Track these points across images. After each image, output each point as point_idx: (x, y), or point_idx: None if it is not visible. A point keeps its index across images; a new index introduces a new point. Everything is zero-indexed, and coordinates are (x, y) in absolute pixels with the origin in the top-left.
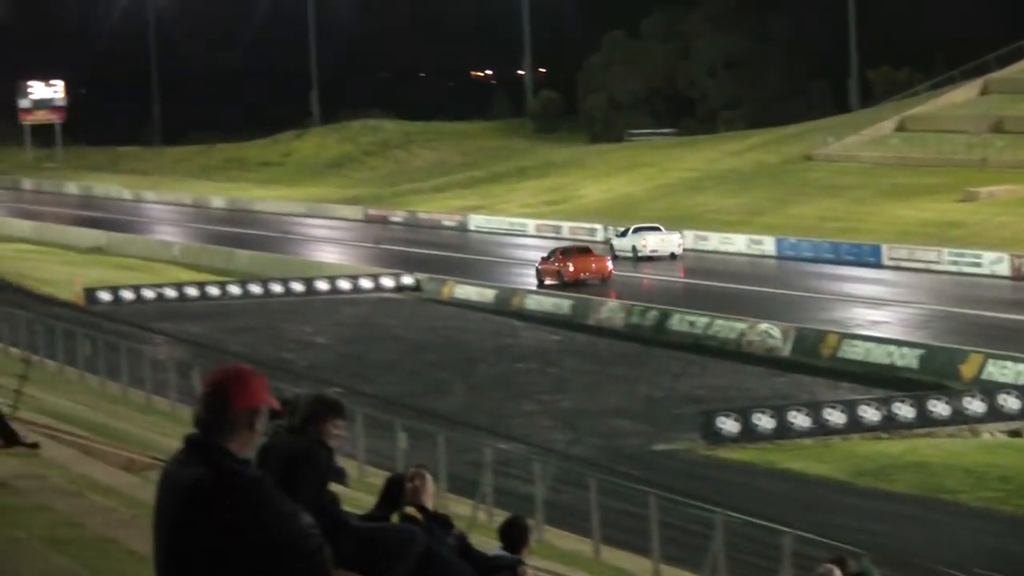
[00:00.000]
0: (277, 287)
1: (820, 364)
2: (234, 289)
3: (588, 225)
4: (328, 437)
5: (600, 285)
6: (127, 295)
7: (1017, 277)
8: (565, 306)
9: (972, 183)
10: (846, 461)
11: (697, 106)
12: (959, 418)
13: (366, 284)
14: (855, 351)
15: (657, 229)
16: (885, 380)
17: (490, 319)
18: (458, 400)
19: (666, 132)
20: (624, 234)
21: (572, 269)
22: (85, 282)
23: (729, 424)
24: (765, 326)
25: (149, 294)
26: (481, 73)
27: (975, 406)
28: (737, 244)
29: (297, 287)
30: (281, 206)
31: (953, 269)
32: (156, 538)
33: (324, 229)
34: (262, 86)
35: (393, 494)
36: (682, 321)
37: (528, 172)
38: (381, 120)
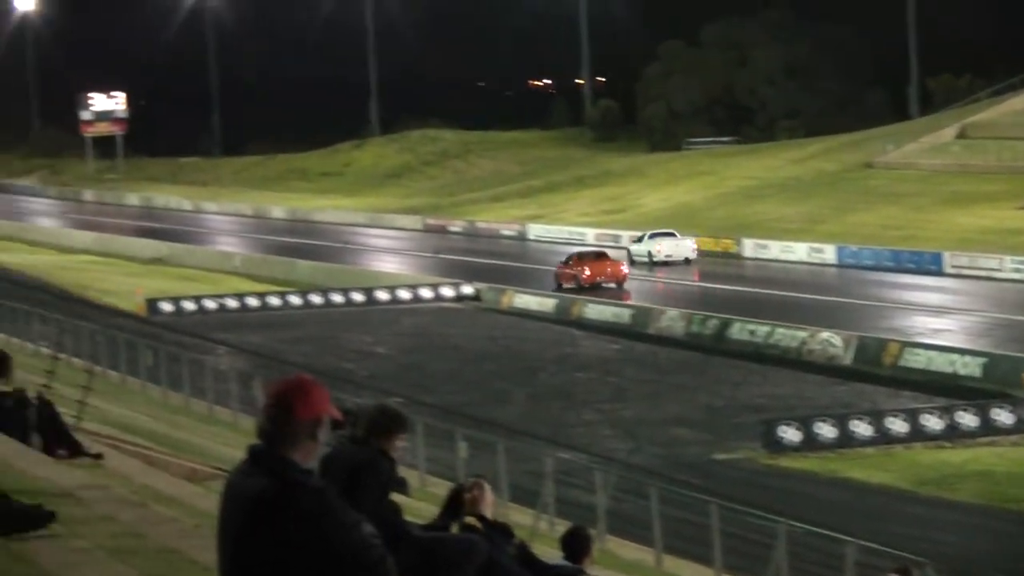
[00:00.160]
0: (337, 297)
1: (882, 373)
2: (295, 299)
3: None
4: (391, 448)
5: (616, 288)
6: (188, 306)
7: None
8: (625, 315)
9: None
10: (908, 470)
11: (756, 114)
12: (1023, 426)
13: (426, 294)
14: (917, 359)
15: (672, 235)
16: (947, 388)
17: (550, 328)
18: (518, 409)
19: (725, 140)
20: (640, 240)
21: (588, 273)
22: (147, 293)
23: (790, 433)
24: (826, 335)
25: (210, 305)
26: (540, 82)
27: None
28: (798, 252)
29: (357, 297)
30: (341, 216)
31: (1016, 276)
32: (220, 548)
33: (383, 239)
34: (322, 96)
35: (454, 504)
36: (743, 330)
37: (587, 181)
38: (440, 130)
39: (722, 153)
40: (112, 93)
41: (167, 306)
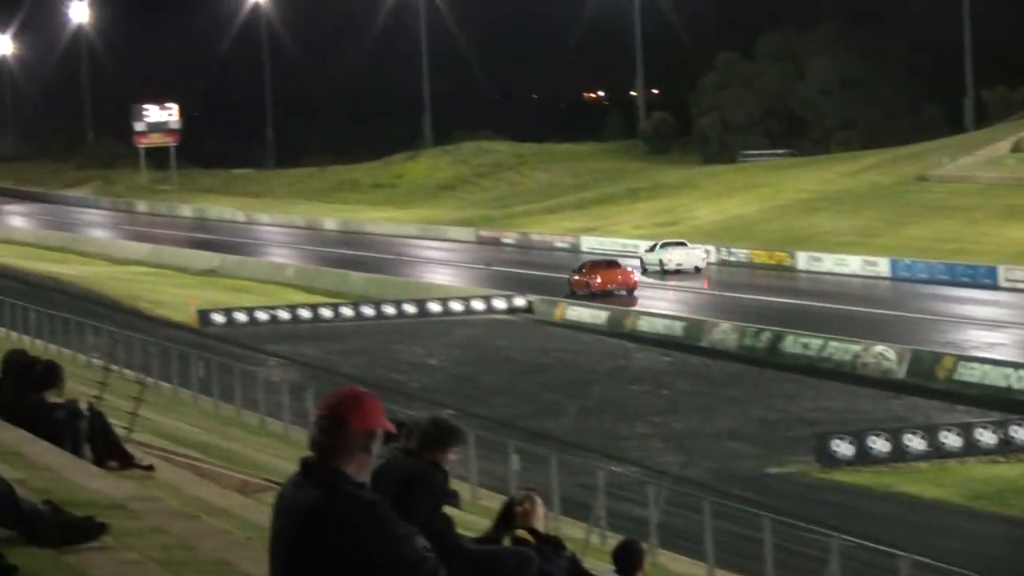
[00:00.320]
0: (390, 309)
1: (936, 386)
2: (347, 311)
3: (702, 246)
4: (444, 460)
5: (626, 296)
6: (240, 317)
7: None
8: (678, 327)
9: None
10: (962, 485)
11: (811, 126)
12: None
13: (478, 306)
14: (971, 373)
15: (683, 244)
16: (1002, 403)
17: (602, 341)
18: (571, 422)
19: (780, 153)
20: (653, 249)
21: (600, 281)
22: (199, 304)
23: (844, 447)
24: (880, 348)
25: (262, 316)
26: (594, 94)
27: None
28: (852, 265)
29: (410, 309)
30: (394, 228)
31: None
32: (272, 560)
33: (436, 251)
34: (375, 108)
35: (506, 517)
36: (796, 343)
37: (640, 193)
38: (493, 141)
39: (776, 165)
40: (166, 104)
41: (219, 317)
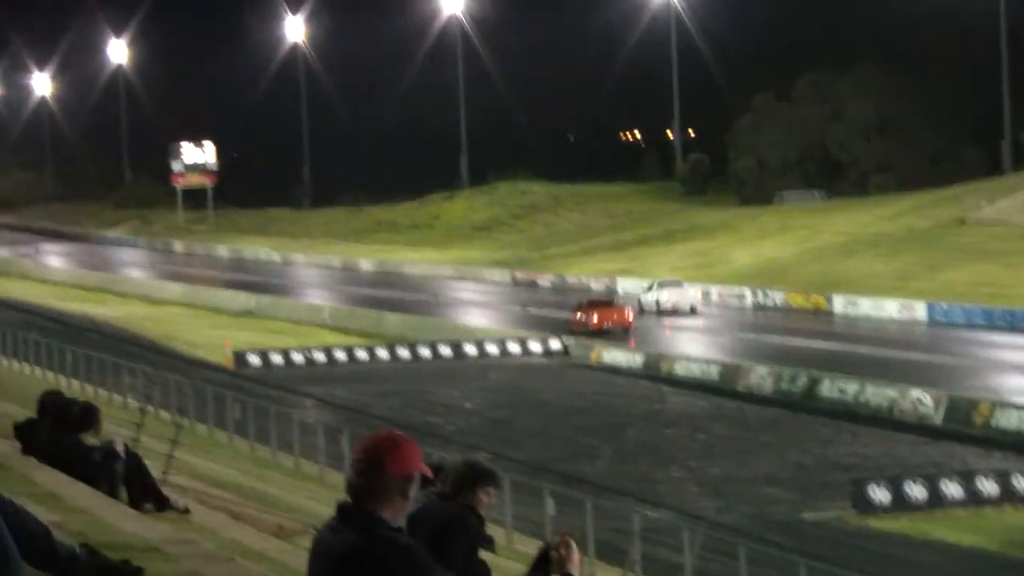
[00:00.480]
0: (425, 351)
1: (973, 432)
2: (382, 353)
3: (738, 289)
4: (479, 504)
5: (622, 333)
6: (276, 359)
7: None
8: (714, 371)
9: None
10: (999, 532)
11: (848, 169)
12: None
13: (514, 348)
14: (1009, 420)
15: (679, 284)
16: None
17: (638, 384)
18: (606, 466)
19: (817, 195)
20: (650, 289)
21: (596, 319)
22: (235, 345)
23: (880, 493)
24: (917, 393)
25: (298, 358)
26: (630, 135)
27: None
28: (888, 310)
29: (445, 351)
30: (430, 269)
31: None
32: None
33: (472, 292)
34: (412, 149)
35: (541, 562)
36: (832, 387)
37: (676, 235)
38: (529, 182)
39: (813, 208)
40: (203, 144)
41: (255, 359)
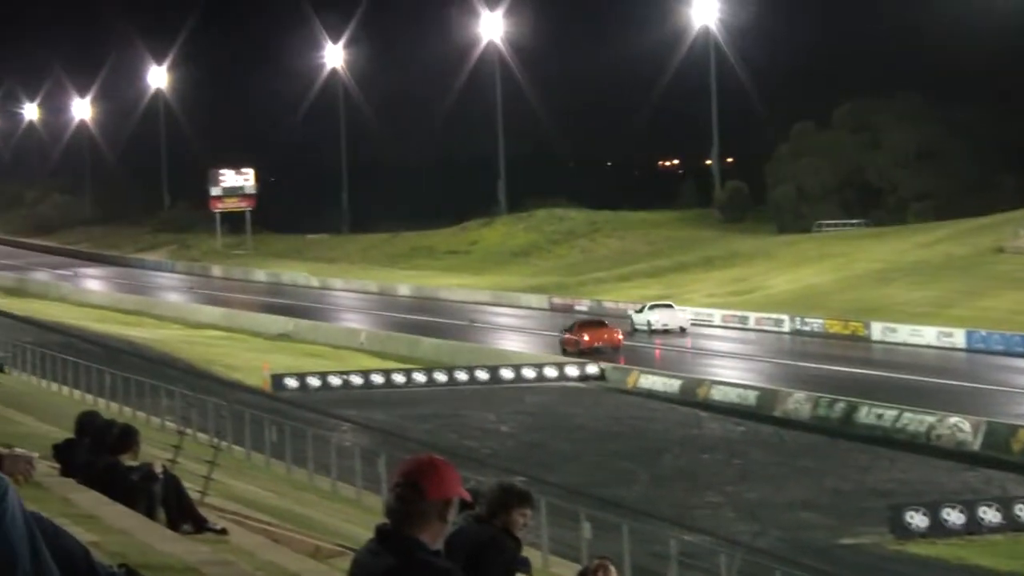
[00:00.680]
0: (462, 375)
1: (1011, 459)
2: (419, 377)
3: (776, 316)
4: (515, 527)
5: (612, 353)
6: (313, 382)
7: None
8: (751, 397)
9: None
10: None
11: (887, 197)
12: None
13: (550, 373)
14: None
15: (669, 306)
16: None
17: (675, 409)
18: (642, 490)
19: (855, 223)
20: (641, 310)
21: (587, 339)
22: (272, 368)
23: (918, 519)
24: (955, 420)
25: (335, 381)
26: (668, 163)
27: None
28: (927, 336)
29: (482, 375)
30: (467, 294)
31: None
32: None
33: (509, 317)
34: (450, 175)
35: None
36: (870, 413)
37: (714, 262)
38: (567, 209)
39: (851, 235)
40: (241, 169)
41: (292, 382)
